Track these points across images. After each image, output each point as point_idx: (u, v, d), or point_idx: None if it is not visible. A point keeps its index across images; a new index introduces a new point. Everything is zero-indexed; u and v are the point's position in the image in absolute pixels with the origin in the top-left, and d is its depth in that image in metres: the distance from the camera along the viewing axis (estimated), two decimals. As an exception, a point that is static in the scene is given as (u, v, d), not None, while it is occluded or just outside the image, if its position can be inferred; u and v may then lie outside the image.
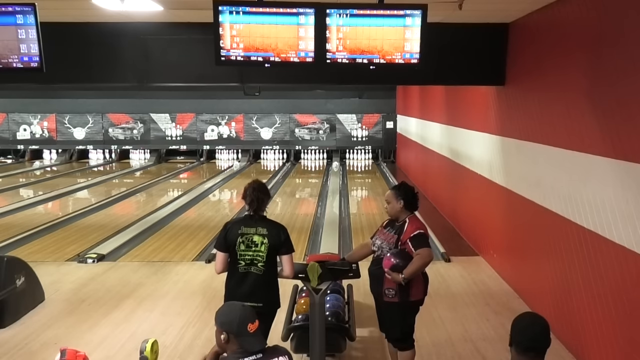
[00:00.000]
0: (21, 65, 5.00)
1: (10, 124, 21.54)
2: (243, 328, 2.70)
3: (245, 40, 4.72)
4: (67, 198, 13.93)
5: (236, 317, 2.73)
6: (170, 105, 21.11)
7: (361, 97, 21.13)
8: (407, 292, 4.28)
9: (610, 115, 4.39)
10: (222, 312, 2.81)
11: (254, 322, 2.75)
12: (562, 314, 5.27)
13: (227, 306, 2.89)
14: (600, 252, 4.57)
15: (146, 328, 5.72)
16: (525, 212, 6.35)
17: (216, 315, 2.80)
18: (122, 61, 6.87)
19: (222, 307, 2.86)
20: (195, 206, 12.67)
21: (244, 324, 2.71)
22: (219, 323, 2.76)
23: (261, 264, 4.00)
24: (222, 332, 2.72)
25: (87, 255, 8.23)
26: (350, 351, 5.17)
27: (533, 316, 2.71)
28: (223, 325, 2.73)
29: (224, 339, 2.72)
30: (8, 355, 5.18)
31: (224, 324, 2.73)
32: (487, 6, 5.93)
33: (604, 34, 4.57)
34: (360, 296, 6.44)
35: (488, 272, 7.57)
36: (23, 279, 6.09)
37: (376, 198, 14.08)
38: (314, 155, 21.47)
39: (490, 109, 7.71)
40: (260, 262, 4.00)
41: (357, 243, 9.17)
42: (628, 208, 4.12)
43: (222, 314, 2.79)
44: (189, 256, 8.43)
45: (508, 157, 7.02)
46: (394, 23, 4.75)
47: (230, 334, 2.70)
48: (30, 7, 4.84)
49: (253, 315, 2.77)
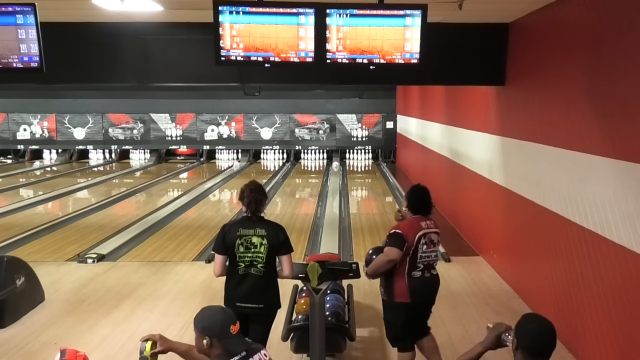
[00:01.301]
0: (21, 65, 5.00)
1: (10, 124, 21.53)
2: (226, 330, 2.68)
3: (245, 40, 4.72)
4: (67, 198, 13.93)
5: (218, 321, 2.70)
6: (170, 105, 21.11)
7: (361, 97, 21.13)
8: (391, 292, 4.35)
9: (610, 115, 4.39)
10: (202, 317, 2.76)
11: (236, 323, 2.73)
12: (562, 313, 5.27)
13: (207, 310, 2.81)
14: (600, 252, 4.56)
15: (146, 328, 5.71)
16: (525, 212, 6.35)
17: (195, 321, 2.75)
18: (122, 61, 6.87)
19: (202, 312, 2.79)
20: (195, 206, 12.67)
21: (227, 327, 2.69)
22: (200, 328, 2.71)
23: (261, 265, 4.00)
24: (204, 337, 2.68)
25: (87, 255, 8.23)
26: (350, 351, 5.16)
27: (540, 321, 2.62)
28: (205, 330, 2.69)
29: (207, 343, 2.68)
30: (8, 355, 5.18)
31: (206, 329, 2.69)
32: (487, 6, 5.93)
33: (603, 33, 4.57)
34: (360, 296, 6.45)
35: (488, 272, 7.57)
36: (23, 279, 6.09)
37: (376, 198, 14.09)
38: (314, 155, 21.47)
39: (490, 109, 7.71)
40: (260, 264, 4.00)
41: (357, 243, 9.18)
42: (628, 208, 4.12)
43: (203, 319, 2.74)
44: (189, 256, 8.43)
45: (508, 157, 7.02)
46: (394, 23, 4.75)
47: (213, 338, 2.67)
48: (30, 7, 4.84)
49: (234, 317, 2.76)
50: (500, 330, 2.73)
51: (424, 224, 4.37)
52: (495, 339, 2.73)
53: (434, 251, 4.44)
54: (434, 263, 4.45)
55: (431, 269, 4.43)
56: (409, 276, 4.31)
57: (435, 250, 4.46)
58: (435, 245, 4.43)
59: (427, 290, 4.45)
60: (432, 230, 4.39)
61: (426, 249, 4.34)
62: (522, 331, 2.58)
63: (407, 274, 4.30)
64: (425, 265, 4.37)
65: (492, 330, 2.76)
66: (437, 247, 4.47)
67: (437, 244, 4.46)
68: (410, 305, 4.35)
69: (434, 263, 4.45)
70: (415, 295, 4.33)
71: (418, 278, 4.33)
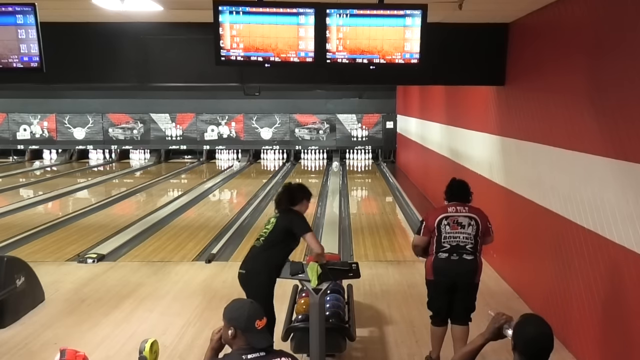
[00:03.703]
0: (21, 65, 5.00)
1: (10, 124, 21.54)
2: (251, 324, 2.72)
3: (245, 40, 4.72)
4: (67, 198, 13.93)
5: (244, 313, 2.75)
6: (170, 105, 21.10)
7: (361, 97, 21.12)
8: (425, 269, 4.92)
9: (611, 115, 4.39)
10: (231, 307, 2.83)
11: (262, 319, 2.77)
12: (562, 313, 5.27)
13: (236, 302, 2.89)
14: (600, 252, 4.57)
15: (146, 328, 5.72)
16: (525, 212, 6.35)
17: (225, 311, 2.82)
18: (122, 61, 6.86)
19: (231, 303, 2.87)
20: (195, 206, 12.67)
21: (252, 320, 2.72)
22: (228, 318, 2.78)
23: (263, 239, 4.66)
24: (230, 327, 2.74)
25: (87, 255, 8.23)
26: (350, 351, 5.16)
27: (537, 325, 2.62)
28: (231, 321, 2.75)
29: (232, 334, 2.73)
30: (8, 355, 5.18)
31: (232, 320, 2.75)
32: (487, 6, 5.93)
33: (604, 33, 4.57)
34: (360, 296, 6.45)
35: (488, 272, 7.56)
36: (23, 279, 6.09)
37: (376, 198, 14.09)
38: (314, 155, 21.47)
39: (490, 109, 7.71)
40: (263, 237, 4.67)
41: (357, 243, 9.19)
42: (628, 208, 4.12)
43: (231, 310, 2.81)
44: (189, 256, 8.43)
45: (508, 157, 7.02)
46: (394, 23, 4.75)
47: (237, 329, 2.72)
48: (30, 7, 4.83)
49: (261, 313, 2.80)
50: (500, 322, 2.77)
51: (452, 209, 4.76)
52: (496, 330, 2.76)
53: (463, 233, 4.69)
54: (466, 246, 4.68)
55: (463, 252, 4.68)
56: (436, 256, 4.72)
57: (464, 233, 4.69)
58: (463, 227, 4.69)
59: (452, 271, 4.68)
60: (462, 214, 4.72)
61: (450, 230, 4.68)
62: (519, 335, 2.59)
63: (435, 253, 4.72)
64: (454, 246, 4.67)
65: (492, 322, 2.79)
66: (466, 229, 4.70)
67: (466, 227, 4.70)
68: (434, 282, 4.77)
69: (466, 246, 4.68)
70: (438, 274, 4.72)
71: (444, 259, 4.69)
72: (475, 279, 4.76)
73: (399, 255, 8.45)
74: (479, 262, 4.74)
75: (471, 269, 4.71)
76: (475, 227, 4.71)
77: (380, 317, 6.06)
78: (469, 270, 4.70)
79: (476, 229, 4.71)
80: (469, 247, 4.68)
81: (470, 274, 4.72)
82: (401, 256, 8.40)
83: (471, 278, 4.73)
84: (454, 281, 4.71)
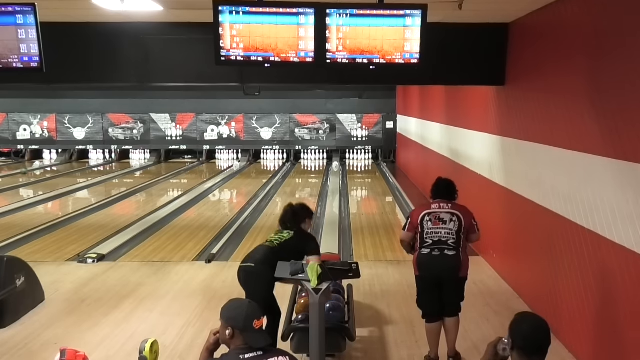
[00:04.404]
0: (21, 65, 5.00)
1: (10, 124, 21.53)
2: (249, 324, 2.72)
3: (245, 40, 4.72)
4: (67, 198, 13.93)
5: (242, 313, 2.75)
6: (170, 105, 21.10)
7: (361, 97, 21.12)
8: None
9: (611, 115, 4.39)
10: (229, 307, 2.83)
11: (260, 318, 2.77)
12: (562, 313, 5.27)
13: (233, 302, 2.90)
14: (600, 252, 4.57)
15: (146, 328, 5.72)
16: (525, 212, 6.35)
17: (222, 310, 2.82)
18: (122, 61, 6.86)
19: (229, 303, 2.87)
20: (195, 206, 12.67)
21: (250, 320, 2.73)
22: (225, 318, 2.78)
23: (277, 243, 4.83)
24: (228, 327, 2.74)
25: (87, 255, 8.23)
26: (350, 351, 5.17)
27: (534, 320, 2.68)
28: (229, 321, 2.75)
29: (229, 334, 2.74)
30: (8, 355, 5.18)
31: (230, 319, 2.75)
32: (487, 6, 5.93)
33: (604, 33, 4.57)
34: (360, 296, 6.45)
35: (488, 272, 7.56)
36: (23, 279, 6.09)
37: (376, 198, 14.08)
38: (314, 155, 21.46)
39: (490, 109, 7.71)
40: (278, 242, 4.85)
41: (357, 243, 9.19)
42: (628, 208, 4.12)
43: (229, 309, 2.81)
44: (189, 256, 8.42)
45: (508, 157, 7.02)
46: (394, 23, 4.75)
47: (235, 329, 2.73)
48: (30, 7, 4.83)
49: (259, 312, 2.80)
50: (493, 342, 2.82)
51: (435, 205, 4.86)
52: (492, 350, 2.80)
53: (444, 229, 4.75)
54: (448, 241, 4.73)
55: (445, 248, 4.74)
56: (419, 251, 4.83)
57: (446, 228, 4.74)
58: (445, 223, 4.76)
59: (435, 267, 4.77)
60: (444, 211, 4.80)
61: (432, 226, 4.76)
62: (516, 332, 2.62)
63: (419, 249, 4.84)
64: (435, 241, 4.74)
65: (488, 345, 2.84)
66: (448, 225, 4.75)
67: (448, 223, 4.75)
68: (420, 277, 4.89)
69: (448, 241, 4.73)
70: (423, 269, 4.84)
71: (426, 254, 4.79)
72: (460, 273, 4.81)
73: (399, 255, 8.44)
74: (462, 258, 4.78)
75: (454, 265, 4.77)
76: (458, 223, 4.76)
77: (380, 317, 6.07)
78: (452, 266, 4.77)
79: (459, 224, 4.76)
80: (451, 243, 4.74)
81: (453, 270, 4.78)
82: (401, 256, 8.36)
83: (455, 273, 4.79)
84: (439, 276, 4.79)
